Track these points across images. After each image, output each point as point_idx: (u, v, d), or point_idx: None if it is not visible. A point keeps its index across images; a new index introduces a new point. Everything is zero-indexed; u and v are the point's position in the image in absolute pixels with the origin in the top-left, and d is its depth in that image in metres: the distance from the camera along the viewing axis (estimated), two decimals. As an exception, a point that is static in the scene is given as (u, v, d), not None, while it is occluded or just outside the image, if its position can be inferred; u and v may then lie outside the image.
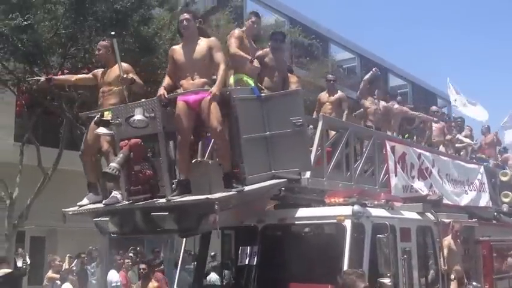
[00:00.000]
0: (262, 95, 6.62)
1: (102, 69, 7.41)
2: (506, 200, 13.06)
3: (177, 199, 5.93)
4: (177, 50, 6.69)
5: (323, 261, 6.94)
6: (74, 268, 13.27)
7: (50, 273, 12.67)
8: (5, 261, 11.35)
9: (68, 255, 13.71)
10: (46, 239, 17.40)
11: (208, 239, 7.88)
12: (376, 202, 7.54)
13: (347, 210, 6.66)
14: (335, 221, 6.76)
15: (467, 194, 11.08)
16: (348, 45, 29.36)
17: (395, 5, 66.95)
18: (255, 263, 7.09)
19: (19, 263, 11.85)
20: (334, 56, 27.62)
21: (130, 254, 14.17)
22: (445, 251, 8.80)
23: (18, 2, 12.37)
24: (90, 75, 7.69)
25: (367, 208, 7.07)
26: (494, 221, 12.08)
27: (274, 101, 6.50)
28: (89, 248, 14.14)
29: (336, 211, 6.82)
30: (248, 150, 6.13)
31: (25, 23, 11.96)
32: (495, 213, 12.46)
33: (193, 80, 6.35)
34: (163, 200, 6.00)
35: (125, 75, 6.68)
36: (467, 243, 10.10)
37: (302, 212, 7.14)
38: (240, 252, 7.45)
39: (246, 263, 7.22)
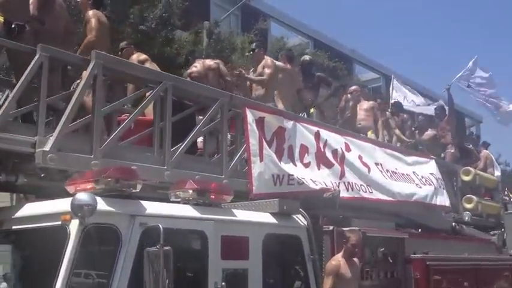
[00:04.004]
0: None
1: None
2: (469, 206, 9.85)
3: None
4: None
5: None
6: None
7: None
8: None
9: None
10: None
11: None
12: (180, 192, 4.50)
13: (67, 204, 3.60)
14: (59, 222, 3.71)
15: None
16: (372, 65, 28.25)
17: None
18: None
19: None
20: (359, 76, 26.61)
21: None
22: (331, 277, 5.65)
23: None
24: None
25: (138, 202, 4.03)
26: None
27: None
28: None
29: (57, 206, 3.78)
30: None
31: None
32: (454, 224, 9.35)
33: None
34: None
35: None
36: (394, 263, 7.00)
37: (25, 210, 4.11)
38: None
39: None
